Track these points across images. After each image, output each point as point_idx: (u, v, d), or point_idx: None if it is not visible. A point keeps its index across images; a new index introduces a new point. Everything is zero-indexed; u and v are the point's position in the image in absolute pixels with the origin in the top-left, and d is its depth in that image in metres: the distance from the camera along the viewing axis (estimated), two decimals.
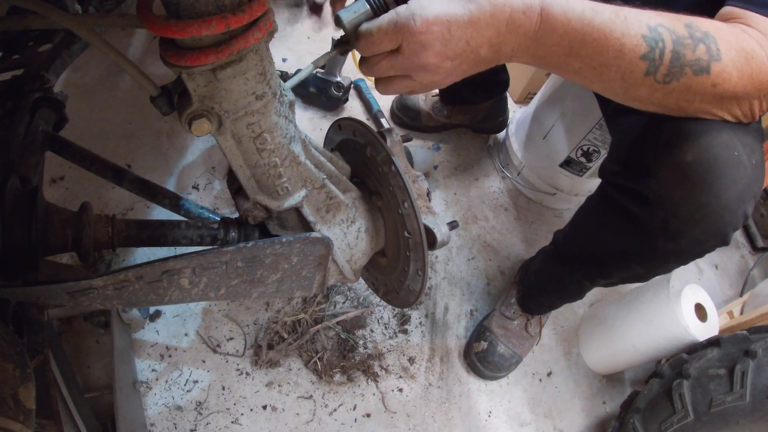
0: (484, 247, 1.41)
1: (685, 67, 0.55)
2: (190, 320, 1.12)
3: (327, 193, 0.68)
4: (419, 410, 1.13)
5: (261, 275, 0.64)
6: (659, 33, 0.54)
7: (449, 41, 0.51)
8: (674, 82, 0.56)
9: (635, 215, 0.71)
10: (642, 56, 0.54)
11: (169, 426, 1.00)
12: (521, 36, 0.53)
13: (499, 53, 0.55)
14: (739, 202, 0.62)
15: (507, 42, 0.54)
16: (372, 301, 1.22)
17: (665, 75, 0.56)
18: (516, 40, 0.54)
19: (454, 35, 0.51)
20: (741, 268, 1.65)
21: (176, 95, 0.52)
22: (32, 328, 0.59)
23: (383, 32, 0.52)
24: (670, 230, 0.67)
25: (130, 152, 1.32)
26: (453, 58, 0.53)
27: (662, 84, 0.56)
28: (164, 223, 0.67)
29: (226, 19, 0.42)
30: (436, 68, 0.54)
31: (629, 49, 0.54)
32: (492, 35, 0.52)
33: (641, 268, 0.78)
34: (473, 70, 0.57)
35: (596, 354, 1.27)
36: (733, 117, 0.61)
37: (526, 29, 0.53)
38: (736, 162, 0.61)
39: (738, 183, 0.61)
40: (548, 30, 0.53)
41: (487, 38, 0.52)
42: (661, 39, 0.54)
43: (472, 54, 0.54)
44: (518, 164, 1.48)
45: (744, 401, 0.84)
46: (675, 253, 0.70)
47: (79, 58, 0.89)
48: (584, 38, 0.54)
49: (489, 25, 0.52)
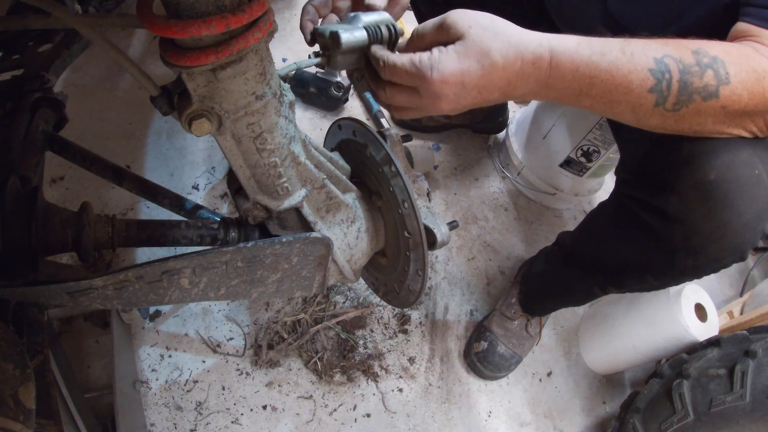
0: (484, 247, 1.41)
1: (694, 95, 0.56)
2: (190, 320, 1.12)
3: (327, 193, 0.68)
4: (419, 410, 1.13)
5: (261, 275, 0.64)
6: (666, 64, 0.55)
7: (462, 92, 0.55)
8: (683, 109, 0.57)
9: (654, 229, 0.71)
10: (650, 89, 0.55)
11: (169, 426, 1.00)
12: (532, 83, 0.56)
13: (510, 96, 0.58)
14: (758, 221, 0.63)
15: (518, 88, 0.56)
16: (372, 301, 1.22)
17: (674, 104, 0.56)
18: (526, 86, 0.56)
19: (467, 87, 0.55)
20: (741, 268, 1.64)
21: (176, 95, 0.52)
22: (32, 328, 0.59)
23: (405, 71, 0.55)
24: (690, 247, 0.67)
25: (130, 152, 1.32)
26: (466, 105, 0.57)
27: (672, 112, 0.57)
28: (164, 223, 0.67)
29: (226, 19, 0.42)
30: (449, 110, 0.58)
31: (637, 84, 0.55)
32: (503, 85, 0.55)
33: (656, 281, 0.79)
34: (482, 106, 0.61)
35: (596, 354, 1.27)
36: (749, 133, 0.62)
37: (537, 77, 0.55)
38: (757, 180, 0.62)
39: (758, 201, 0.62)
40: (557, 77, 0.55)
41: (498, 87, 0.55)
42: (668, 70, 0.55)
43: (483, 100, 0.57)
44: (518, 164, 1.48)
45: (744, 401, 0.84)
46: (693, 269, 0.70)
47: (79, 58, 0.89)
48: (592, 81, 0.55)
49: (500, 78, 0.55)
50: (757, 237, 0.64)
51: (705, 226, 0.64)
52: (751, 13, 0.61)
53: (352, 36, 0.58)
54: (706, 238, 0.65)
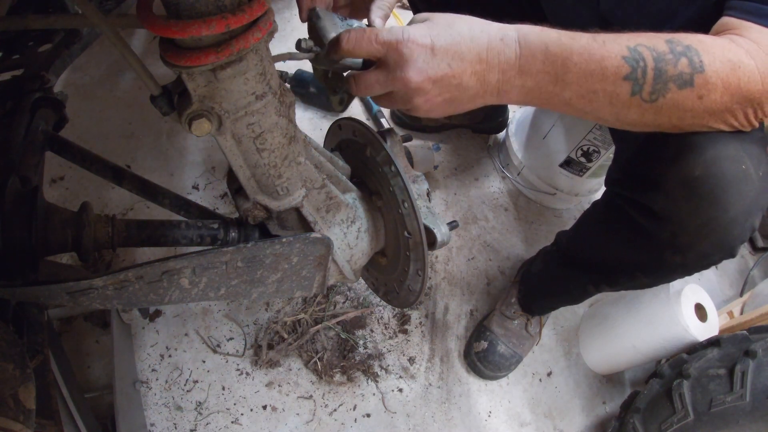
0: (484, 247, 1.41)
1: (669, 83, 0.56)
2: (190, 320, 1.12)
3: (327, 193, 0.68)
4: (419, 410, 1.13)
5: (261, 275, 0.64)
6: (639, 52, 0.55)
7: (431, 60, 0.54)
8: (660, 99, 0.56)
9: (643, 227, 0.71)
10: (625, 77, 0.55)
11: (169, 426, 1.00)
12: (503, 64, 0.55)
13: (485, 83, 0.56)
14: (746, 216, 0.62)
15: (490, 71, 0.55)
16: (372, 301, 1.22)
17: (650, 93, 0.56)
18: (499, 68, 0.55)
19: (437, 55, 0.54)
20: (741, 268, 1.64)
21: (176, 95, 0.52)
22: (32, 328, 0.59)
23: (374, 35, 0.54)
24: (677, 244, 0.67)
25: (130, 152, 1.32)
26: (436, 81, 0.55)
27: (650, 103, 0.57)
28: (164, 223, 0.67)
29: (226, 19, 0.42)
30: (420, 89, 0.55)
31: (611, 72, 0.55)
32: (473, 60, 0.55)
33: (647, 278, 0.79)
34: (462, 104, 0.58)
35: (596, 354, 1.27)
36: (730, 126, 0.61)
37: (507, 56, 0.55)
38: (744, 175, 0.61)
39: (745, 197, 0.61)
40: (529, 57, 0.55)
41: (468, 63, 0.54)
42: (641, 58, 0.55)
43: (455, 80, 0.55)
44: (518, 164, 1.48)
45: (744, 401, 0.84)
46: (682, 266, 0.70)
47: (79, 58, 0.89)
48: (566, 63, 0.55)
49: (469, 50, 0.54)
50: (746, 233, 0.64)
51: (691, 222, 0.64)
52: (733, 6, 0.61)
53: None
54: (693, 235, 0.65)
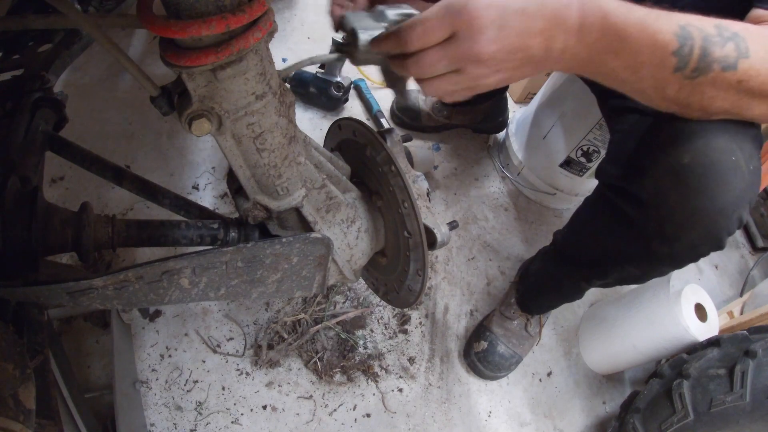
0: (484, 247, 1.41)
1: (713, 63, 0.56)
2: (190, 320, 1.12)
3: (327, 193, 0.68)
4: (419, 410, 1.13)
5: (261, 275, 0.64)
6: (688, 31, 0.55)
7: (503, 28, 0.50)
8: (701, 77, 0.56)
9: (631, 217, 0.71)
10: (673, 52, 0.55)
11: (169, 426, 1.00)
12: (566, 32, 0.53)
13: (550, 51, 0.54)
14: (734, 207, 0.62)
15: (556, 37, 0.53)
16: (372, 301, 1.22)
17: (693, 70, 0.56)
18: (563, 36, 0.53)
19: (509, 22, 0.50)
20: (741, 268, 1.65)
21: (176, 95, 0.52)
22: (32, 328, 0.59)
23: (436, 18, 0.51)
24: (665, 234, 0.67)
25: (130, 152, 1.32)
26: (509, 50, 0.52)
27: (690, 80, 0.56)
28: (164, 223, 0.67)
29: (226, 19, 0.42)
30: (490, 59, 0.52)
31: (662, 45, 0.54)
32: (543, 26, 0.52)
33: (637, 270, 0.78)
34: (526, 71, 0.56)
35: (596, 354, 1.27)
36: (752, 117, 0.61)
37: (570, 24, 0.53)
38: (734, 166, 0.61)
39: (734, 188, 0.61)
40: (588, 25, 0.53)
41: (538, 29, 0.52)
42: (690, 36, 0.55)
43: (524, 47, 0.52)
44: (518, 164, 1.48)
45: (744, 401, 0.84)
46: (669, 257, 0.70)
47: (79, 58, 0.89)
48: (621, 34, 0.54)
49: (539, 16, 0.52)
50: (734, 224, 0.64)
51: (679, 212, 0.64)
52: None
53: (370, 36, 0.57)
54: (680, 225, 0.64)
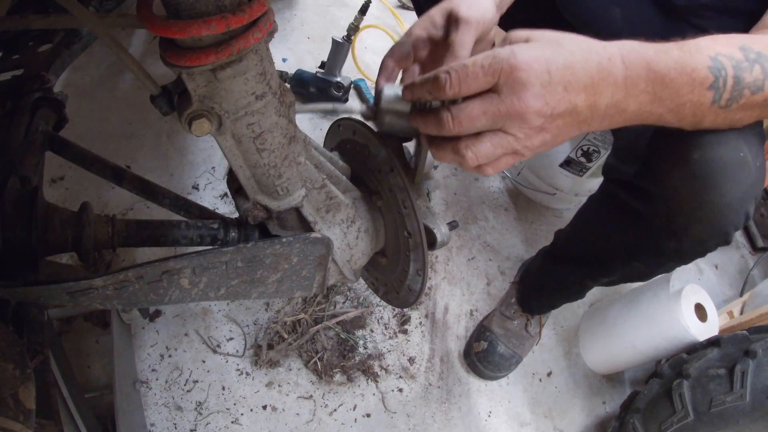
0: (484, 247, 1.41)
1: (744, 90, 0.55)
2: (190, 320, 1.12)
3: (327, 193, 0.68)
4: (419, 410, 1.13)
5: (261, 275, 0.64)
6: (720, 62, 0.55)
7: (549, 84, 0.48)
8: (734, 104, 0.56)
9: (639, 212, 0.71)
10: (709, 86, 0.54)
11: (169, 426, 1.00)
12: (612, 85, 0.51)
13: (595, 107, 0.51)
14: (742, 202, 0.63)
15: (603, 92, 0.51)
16: (372, 301, 1.22)
17: (727, 100, 0.56)
18: (609, 90, 0.51)
19: (554, 77, 0.48)
20: (741, 268, 1.65)
21: (176, 95, 0.52)
22: (32, 328, 0.59)
23: (480, 65, 0.48)
24: (673, 228, 0.67)
25: (130, 152, 1.32)
26: (554, 107, 0.49)
27: (724, 109, 0.56)
28: (164, 223, 0.67)
29: (226, 19, 0.42)
30: (535, 117, 0.49)
31: (699, 82, 0.54)
32: (587, 82, 0.50)
33: (643, 266, 0.79)
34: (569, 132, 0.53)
35: (596, 354, 1.27)
36: None
37: (615, 77, 0.51)
38: (742, 162, 0.61)
39: (742, 183, 0.62)
40: (634, 77, 0.52)
41: (582, 85, 0.50)
42: (723, 67, 0.54)
43: (569, 104, 0.50)
44: (518, 164, 1.48)
45: (744, 401, 0.84)
46: (677, 251, 0.70)
47: (79, 58, 0.89)
48: (665, 80, 0.52)
49: (583, 70, 0.50)
50: (741, 219, 0.64)
51: (687, 205, 0.64)
52: None
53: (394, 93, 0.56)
54: (688, 219, 0.65)
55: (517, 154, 0.52)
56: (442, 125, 0.50)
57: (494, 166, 0.52)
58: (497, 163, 0.52)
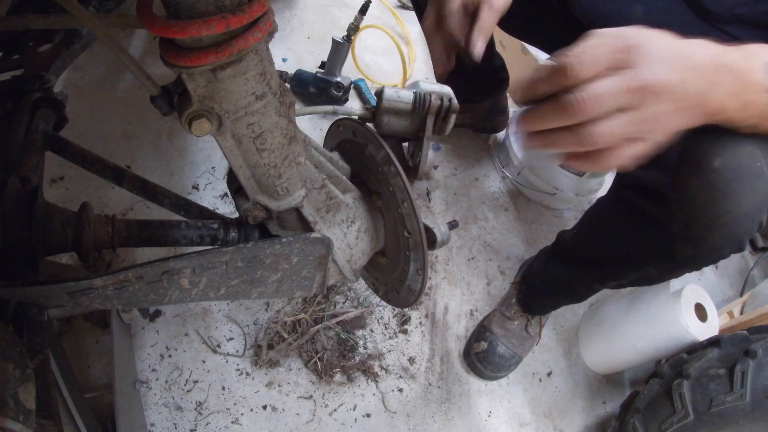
0: (484, 247, 1.41)
1: None
2: (190, 320, 1.12)
3: (327, 193, 0.68)
4: (419, 410, 1.13)
5: (261, 275, 0.64)
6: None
7: (675, 59, 0.46)
8: None
9: (653, 218, 0.71)
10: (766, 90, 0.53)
11: (169, 426, 1.00)
12: (728, 76, 0.51)
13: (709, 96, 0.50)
14: (757, 212, 0.63)
15: (719, 83, 0.50)
16: (372, 301, 1.22)
17: None
18: (725, 81, 0.50)
19: (677, 53, 0.47)
20: (741, 268, 1.64)
21: (176, 95, 0.52)
22: (32, 328, 0.59)
23: (606, 43, 0.45)
24: (689, 235, 0.67)
25: (130, 152, 1.32)
26: (683, 75, 0.47)
27: None
28: (164, 223, 0.67)
29: (226, 19, 0.42)
30: (672, 90, 0.46)
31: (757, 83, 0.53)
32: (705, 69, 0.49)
33: (656, 272, 0.78)
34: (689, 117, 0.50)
35: (596, 354, 1.27)
36: None
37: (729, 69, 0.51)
38: (759, 171, 0.62)
39: (758, 192, 0.62)
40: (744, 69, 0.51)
41: (702, 68, 0.49)
42: None
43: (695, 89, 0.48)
44: (518, 164, 1.48)
45: (744, 401, 0.84)
46: (692, 258, 0.70)
47: (79, 58, 0.89)
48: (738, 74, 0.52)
49: (701, 54, 0.49)
50: (755, 228, 0.65)
51: (705, 213, 0.64)
52: None
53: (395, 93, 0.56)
54: (705, 227, 0.65)
55: (649, 134, 0.48)
56: (566, 110, 0.46)
57: (617, 154, 0.48)
58: (620, 151, 0.48)
